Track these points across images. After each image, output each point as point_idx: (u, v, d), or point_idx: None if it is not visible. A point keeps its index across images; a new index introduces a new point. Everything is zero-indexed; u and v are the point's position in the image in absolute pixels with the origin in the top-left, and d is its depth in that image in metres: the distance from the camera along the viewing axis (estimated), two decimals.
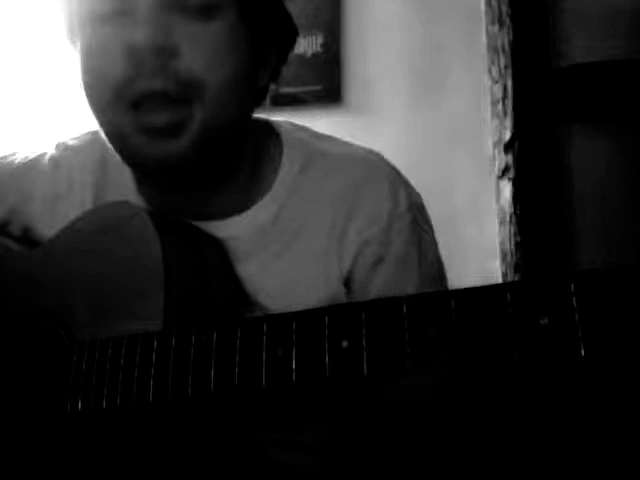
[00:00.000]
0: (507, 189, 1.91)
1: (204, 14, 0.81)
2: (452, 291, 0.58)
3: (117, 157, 0.87)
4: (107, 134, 0.86)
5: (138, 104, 0.80)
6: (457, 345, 0.56)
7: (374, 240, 0.91)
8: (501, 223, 1.93)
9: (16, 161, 1.00)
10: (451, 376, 0.76)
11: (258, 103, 0.93)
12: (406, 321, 0.58)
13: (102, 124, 0.85)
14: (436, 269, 0.97)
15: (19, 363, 0.86)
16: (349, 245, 0.91)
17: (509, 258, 1.90)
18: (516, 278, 1.88)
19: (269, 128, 0.98)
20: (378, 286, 0.91)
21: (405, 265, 0.92)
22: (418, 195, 0.97)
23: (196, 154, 0.83)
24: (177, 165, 0.83)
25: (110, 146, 0.86)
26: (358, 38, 2.09)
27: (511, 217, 1.90)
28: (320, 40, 2.09)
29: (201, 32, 0.80)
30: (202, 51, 0.80)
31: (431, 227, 0.97)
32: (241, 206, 0.91)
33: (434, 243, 0.97)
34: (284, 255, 0.90)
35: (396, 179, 0.95)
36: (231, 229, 0.90)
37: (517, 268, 1.88)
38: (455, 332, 0.56)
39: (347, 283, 0.92)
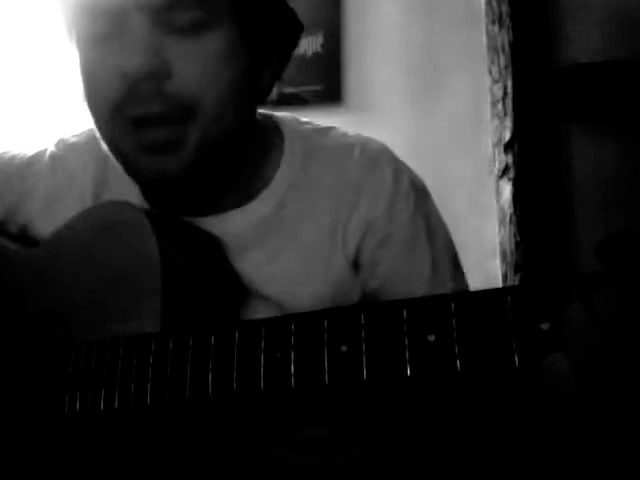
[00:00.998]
0: (507, 189, 1.91)
1: (197, 30, 0.79)
2: (452, 295, 0.57)
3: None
4: (108, 147, 0.86)
5: (136, 124, 0.80)
6: (457, 348, 0.55)
7: (378, 219, 0.91)
8: (501, 223, 1.93)
9: (16, 158, 0.99)
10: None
11: (262, 102, 0.93)
12: (405, 325, 0.58)
13: (103, 138, 0.85)
14: (448, 247, 0.96)
15: (16, 363, 0.86)
16: (354, 229, 0.91)
17: (509, 258, 1.90)
18: (516, 278, 1.88)
19: (271, 122, 0.98)
20: (387, 266, 0.91)
21: (414, 243, 0.92)
22: (421, 180, 0.97)
23: (195, 167, 0.82)
24: (176, 179, 0.82)
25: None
26: (358, 38, 2.10)
27: (511, 217, 1.90)
28: (320, 40, 2.09)
29: (194, 50, 0.79)
30: (196, 69, 0.79)
31: (438, 212, 0.97)
32: (240, 200, 0.91)
33: (443, 224, 0.97)
34: (286, 246, 0.90)
35: (398, 164, 0.95)
36: (230, 224, 0.90)
37: (517, 268, 1.88)
38: (455, 336, 0.56)
39: (355, 267, 0.92)
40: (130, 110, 0.79)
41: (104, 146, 0.86)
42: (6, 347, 0.87)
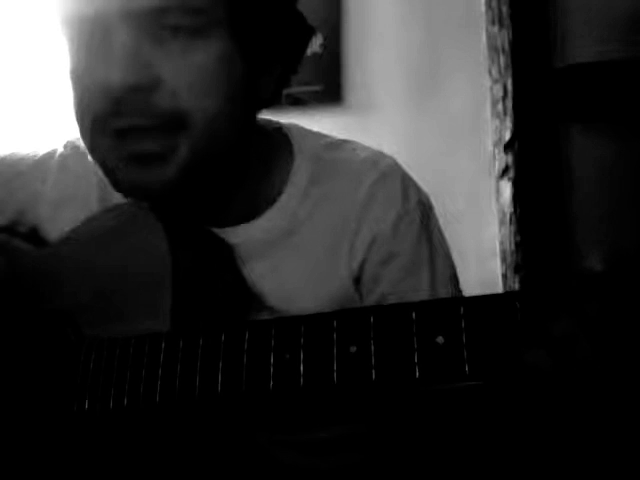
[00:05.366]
0: (507, 189, 1.92)
1: (187, 41, 0.76)
2: (461, 298, 0.58)
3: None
4: (92, 157, 0.83)
5: (121, 135, 0.78)
6: (465, 351, 0.56)
7: (384, 235, 0.91)
8: (501, 223, 1.93)
9: (26, 158, 0.99)
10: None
11: (267, 107, 0.91)
12: (415, 326, 0.58)
13: (87, 148, 0.83)
14: (448, 267, 0.97)
15: (27, 361, 0.87)
16: (361, 243, 0.91)
17: (509, 258, 1.91)
18: (516, 278, 1.88)
19: (280, 133, 0.97)
20: (387, 283, 0.91)
21: (415, 264, 0.92)
22: (427, 197, 0.98)
23: (183, 182, 0.80)
24: (161, 194, 0.81)
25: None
26: (358, 38, 2.10)
27: (511, 217, 1.90)
28: (320, 40, 2.09)
29: (184, 61, 0.76)
30: (186, 81, 0.76)
31: (440, 228, 0.98)
32: (250, 214, 0.91)
33: (444, 242, 0.97)
34: (293, 257, 0.90)
35: (407, 180, 0.95)
36: (240, 236, 0.90)
37: (517, 268, 1.89)
38: (464, 339, 0.56)
39: (357, 280, 0.92)
40: (114, 123, 0.77)
41: (89, 157, 0.84)
42: (17, 345, 0.88)
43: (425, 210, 0.95)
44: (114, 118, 0.77)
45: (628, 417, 0.53)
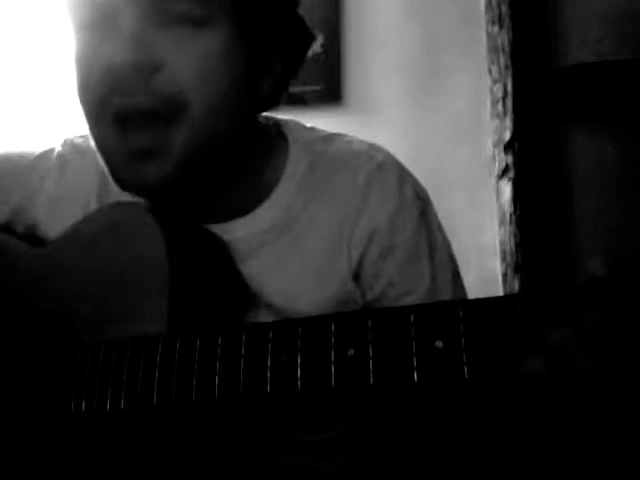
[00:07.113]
0: (507, 189, 1.91)
1: (192, 27, 0.78)
2: (460, 301, 0.58)
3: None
4: (96, 147, 0.84)
5: (124, 121, 0.79)
6: (464, 356, 0.56)
7: (382, 228, 0.90)
8: (501, 223, 1.93)
9: (24, 156, 0.99)
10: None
11: (265, 110, 0.92)
12: (413, 330, 0.58)
13: (92, 137, 0.84)
14: (449, 261, 0.96)
15: (23, 363, 0.86)
16: (358, 238, 0.90)
17: (509, 258, 1.90)
18: (516, 278, 1.88)
19: (275, 127, 0.97)
20: (387, 278, 0.91)
21: (415, 258, 0.91)
22: (424, 190, 0.97)
23: (180, 176, 0.81)
24: (159, 190, 0.82)
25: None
26: (358, 38, 2.09)
27: (511, 217, 1.90)
28: (320, 40, 2.09)
29: (187, 46, 0.78)
30: (188, 66, 0.78)
31: (439, 221, 0.97)
32: (245, 208, 0.91)
33: (443, 235, 0.96)
34: (290, 254, 0.90)
35: (403, 173, 0.94)
36: (236, 231, 0.90)
37: (517, 268, 1.89)
38: (463, 343, 0.56)
39: (357, 276, 0.91)
40: (114, 102, 0.78)
41: (93, 145, 0.84)
42: (13, 346, 0.88)
43: (423, 202, 0.94)
44: (114, 98, 0.78)
45: (626, 430, 0.53)
